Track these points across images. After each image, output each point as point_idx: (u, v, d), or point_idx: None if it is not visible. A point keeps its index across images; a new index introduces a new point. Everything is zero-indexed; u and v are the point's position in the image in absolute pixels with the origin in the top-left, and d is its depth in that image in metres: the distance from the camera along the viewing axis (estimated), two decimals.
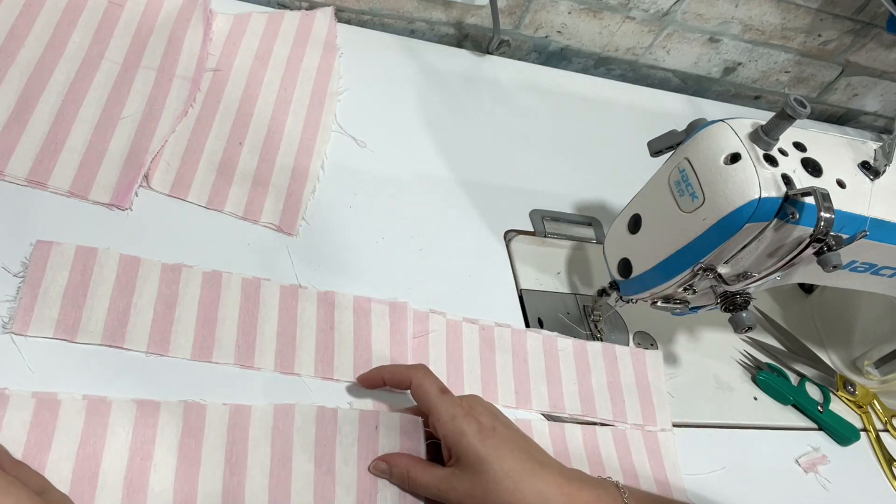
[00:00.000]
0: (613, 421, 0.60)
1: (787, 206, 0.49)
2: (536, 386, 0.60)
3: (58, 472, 0.44)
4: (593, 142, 0.83)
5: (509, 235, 0.70)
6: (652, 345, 0.68)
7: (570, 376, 0.61)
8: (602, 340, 0.66)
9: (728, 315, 0.56)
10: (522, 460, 0.49)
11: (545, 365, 0.61)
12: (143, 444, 0.46)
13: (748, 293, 0.55)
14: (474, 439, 0.48)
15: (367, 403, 0.54)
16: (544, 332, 0.63)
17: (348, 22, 0.80)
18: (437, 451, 0.52)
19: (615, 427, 0.60)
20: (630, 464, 0.58)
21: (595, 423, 0.60)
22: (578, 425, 0.59)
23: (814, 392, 0.71)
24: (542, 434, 0.58)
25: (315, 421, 0.51)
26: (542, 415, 0.59)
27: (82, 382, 0.48)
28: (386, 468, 0.50)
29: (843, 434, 0.68)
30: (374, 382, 0.54)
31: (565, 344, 0.63)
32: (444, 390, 0.51)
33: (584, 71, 0.93)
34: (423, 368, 0.53)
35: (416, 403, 0.53)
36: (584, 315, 0.67)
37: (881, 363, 0.73)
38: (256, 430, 0.49)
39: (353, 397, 0.54)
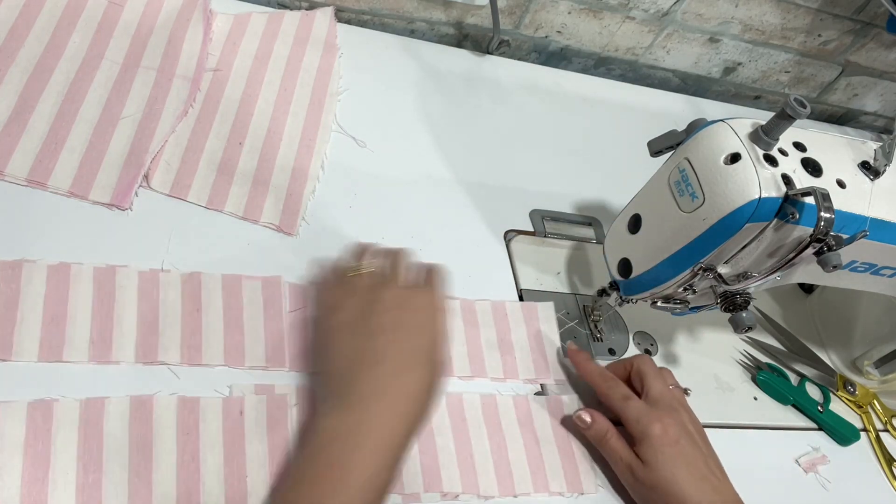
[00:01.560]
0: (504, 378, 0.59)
1: (787, 206, 0.49)
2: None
3: None
4: (593, 142, 0.83)
5: (509, 235, 0.70)
6: (652, 345, 0.68)
7: (459, 337, 0.60)
8: (602, 341, 0.66)
9: (728, 315, 0.56)
10: (697, 479, 0.52)
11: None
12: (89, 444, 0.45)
13: (748, 293, 0.55)
14: (656, 443, 0.53)
15: (244, 386, 0.51)
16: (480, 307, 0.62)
17: (348, 22, 0.80)
18: None
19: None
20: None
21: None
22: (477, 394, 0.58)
23: (814, 392, 0.71)
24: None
25: (176, 410, 0.48)
26: None
27: None
28: (588, 422, 0.56)
29: (843, 434, 0.68)
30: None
31: (453, 304, 0.61)
32: (628, 397, 0.56)
33: (584, 71, 0.93)
34: (613, 379, 0.57)
35: None
36: (584, 315, 0.67)
37: (881, 363, 0.73)
38: (111, 425, 0.47)
39: (226, 382, 0.52)
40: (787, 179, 0.50)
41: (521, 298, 0.66)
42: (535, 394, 0.60)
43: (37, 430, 0.45)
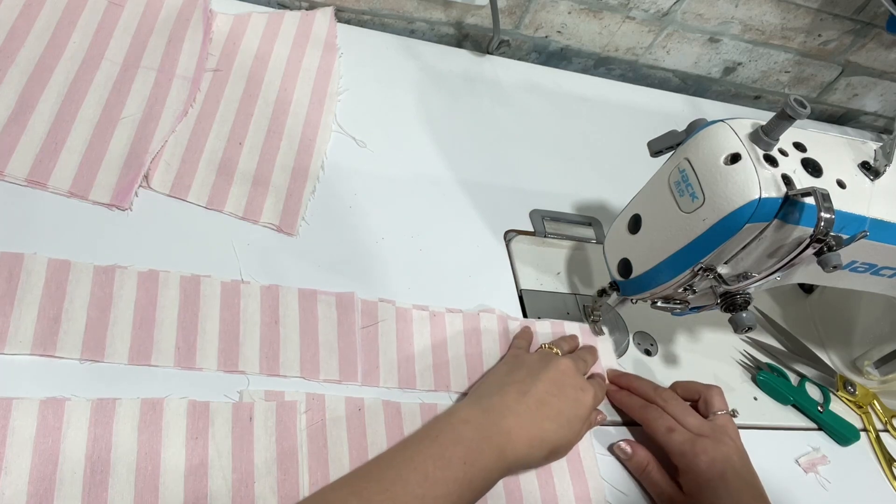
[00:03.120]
0: None
1: (787, 206, 0.49)
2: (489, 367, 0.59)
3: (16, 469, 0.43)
4: (593, 142, 0.83)
5: (509, 235, 0.70)
6: (652, 345, 0.68)
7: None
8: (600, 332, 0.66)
9: (728, 315, 0.56)
10: None
11: (500, 347, 0.61)
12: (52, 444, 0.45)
13: (748, 293, 0.55)
14: (700, 478, 0.53)
15: (253, 392, 0.51)
16: (497, 312, 0.62)
17: (348, 22, 0.80)
18: None
19: None
20: None
21: None
22: None
23: (814, 392, 0.71)
24: None
25: (186, 415, 0.49)
26: None
27: (14, 395, 0.46)
28: (628, 452, 0.57)
29: (843, 434, 0.68)
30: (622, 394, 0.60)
31: (515, 326, 0.62)
32: (671, 429, 0.56)
33: (584, 71, 0.93)
34: (656, 410, 0.58)
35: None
36: (584, 315, 0.67)
37: (881, 363, 0.73)
38: (120, 425, 0.47)
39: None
40: (787, 180, 0.50)
41: (521, 298, 0.66)
42: None
43: (47, 427, 0.45)
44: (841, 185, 0.53)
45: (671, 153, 0.57)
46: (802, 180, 0.51)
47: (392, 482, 0.44)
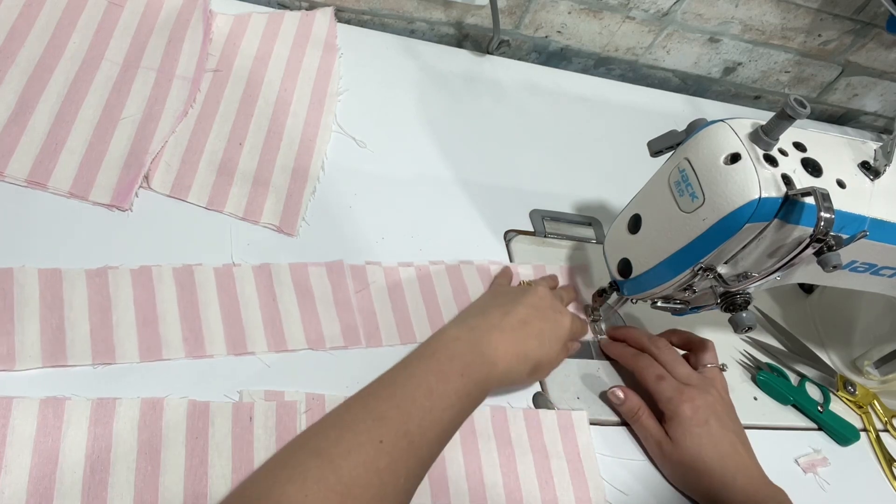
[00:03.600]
0: None
1: (787, 206, 0.49)
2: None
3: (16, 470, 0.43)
4: (593, 142, 0.83)
5: (509, 235, 0.70)
6: None
7: None
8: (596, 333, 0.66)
9: (728, 315, 0.56)
10: (721, 456, 0.56)
11: (485, 287, 0.64)
12: (52, 445, 0.45)
13: (748, 293, 0.55)
14: (685, 423, 0.56)
15: (253, 392, 0.51)
16: (477, 261, 0.65)
17: (348, 22, 0.80)
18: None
19: None
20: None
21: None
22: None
23: (814, 392, 0.71)
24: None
25: (186, 414, 0.49)
26: None
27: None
28: (621, 398, 0.59)
29: (843, 434, 0.68)
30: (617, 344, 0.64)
31: (496, 270, 0.66)
32: (661, 377, 0.59)
33: (584, 71, 0.93)
34: (647, 359, 0.60)
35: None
36: (585, 315, 0.67)
37: (881, 363, 0.73)
38: (121, 425, 0.47)
39: (311, 368, 0.54)
40: (787, 179, 0.50)
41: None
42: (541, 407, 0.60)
43: (47, 427, 0.45)
44: (841, 184, 0.53)
45: (671, 153, 0.57)
46: (802, 180, 0.51)
47: (401, 398, 0.47)
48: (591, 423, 0.60)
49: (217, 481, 0.47)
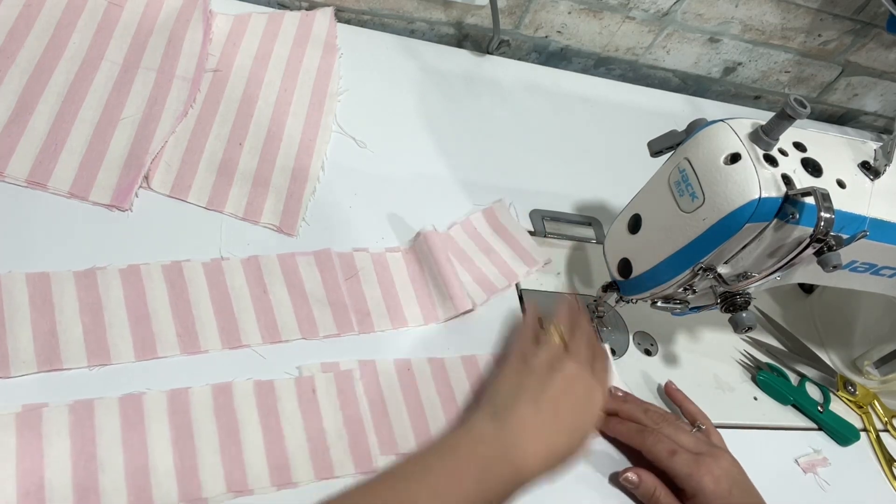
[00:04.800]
0: None
1: (787, 206, 0.49)
2: (467, 284, 0.63)
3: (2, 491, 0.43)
4: (593, 142, 0.83)
5: None
6: (652, 345, 0.68)
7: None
8: (602, 341, 0.66)
9: (728, 315, 0.56)
10: None
11: (458, 262, 0.64)
12: (83, 446, 0.46)
13: (748, 293, 0.55)
14: (710, 498, 0.54)
15: (311, 366, 0.54)
16: (455, 232, 0.66)
17: (348, 22, 0.80)
18: None
19: None
20: None
21: None
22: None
23: (814, 392, 0.71)
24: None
25: (254, 394, 0.51)
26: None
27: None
28: (635, 481, 0.56)
29: (843, 434, 0.68)
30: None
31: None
32: (673, 451, 0.56)
33: (584, 71, 0.93)
34: (654, 434, 0.57)
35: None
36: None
37: (881, 363, 0.73)
38: (199, 412, 0.49)
39: (305, 358, 0.54)
40: (787, 179, 0.50)
41: (520, 298, 0.66)
42: None
43: (130, 422, 0.47)
44: (841, 184, 0.53)
45: (671, 153, 0.57)
46: (802, 180, 0.51)
47: (402, 498, 0.44)
48: None
49: (295, 450, 0.50)
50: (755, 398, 0.69)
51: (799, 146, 0.53)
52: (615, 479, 0.58)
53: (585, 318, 0.60)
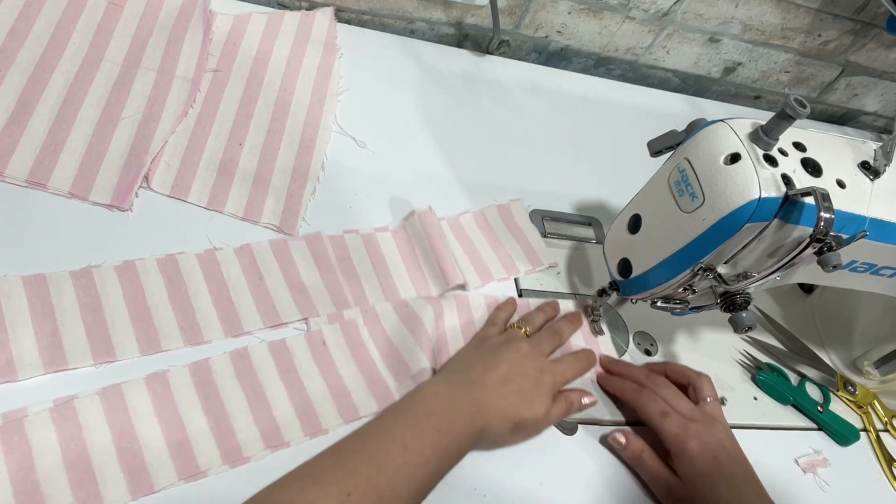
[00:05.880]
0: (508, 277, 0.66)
1: (787, 206, 0.49)
2: (464, 266, 0.64)
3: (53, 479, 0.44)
4: (593, 142, 0.83)
5: None
6: (652, 345, 0.68)
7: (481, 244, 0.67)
8: (599, 333, 0.66)
9: (728, 315, 0.56)
10: (734, 493, 0.53)
11: (460, 245, 0.66)
12: (123, 429, 0.47)
13: (748, 293, 0.55)
14: (694, 460, 0.54)
15: (318, 319, 0.56)
16: (465, 219, 0.68)
17: (348, 22, 0.80)
18: None
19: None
20: None
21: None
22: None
23: (814, 392, 0.71)
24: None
25: (270, 354, 0.53)
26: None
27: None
28: (623, 443, 0.58)
29: (843, 434, 0.68)
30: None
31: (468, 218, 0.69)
32: (665, 413, 0.57)
33: (584, 71, 0.93)
34: (649, 394, 0.59)
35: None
36: (585, 315, 0.67)
37: (881, 363, 0.73)
38: (222, 379, 0.51)
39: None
40: (786, 179, 0.50)
41: (520, 298, 0.66)
42: None
43: (160, 399, 0.49)
44: (841, 184, 0.53)
45: (671, 153, 0.57)
46: (802, 180, 0.51)
47: (373, 452, 0.46)
48: (584, 424, 0.60)
49: (319, 398, 0.52)
50: (755, 398, 0.69)
51: (799, 146, 0.53)
52: (605, 441, 0.59)
53: (567, 324, 0.63)
